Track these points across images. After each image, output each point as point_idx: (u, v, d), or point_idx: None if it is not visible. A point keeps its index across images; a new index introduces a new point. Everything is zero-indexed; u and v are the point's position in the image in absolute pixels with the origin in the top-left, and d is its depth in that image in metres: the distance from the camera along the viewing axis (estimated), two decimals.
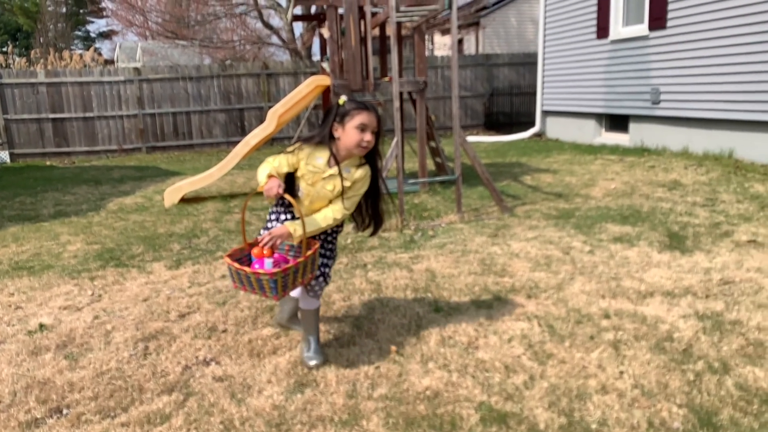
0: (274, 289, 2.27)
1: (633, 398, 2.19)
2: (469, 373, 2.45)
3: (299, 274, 2.34)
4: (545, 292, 3.30)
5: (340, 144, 2.44)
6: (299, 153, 2.46)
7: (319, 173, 2.46)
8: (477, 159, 5.52)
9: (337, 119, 2.43)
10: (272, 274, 2.23)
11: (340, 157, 2.46)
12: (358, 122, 2.37)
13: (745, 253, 3.78)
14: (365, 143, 2.39)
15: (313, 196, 2.50)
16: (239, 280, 2.34)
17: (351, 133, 2.38)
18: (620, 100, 9.22)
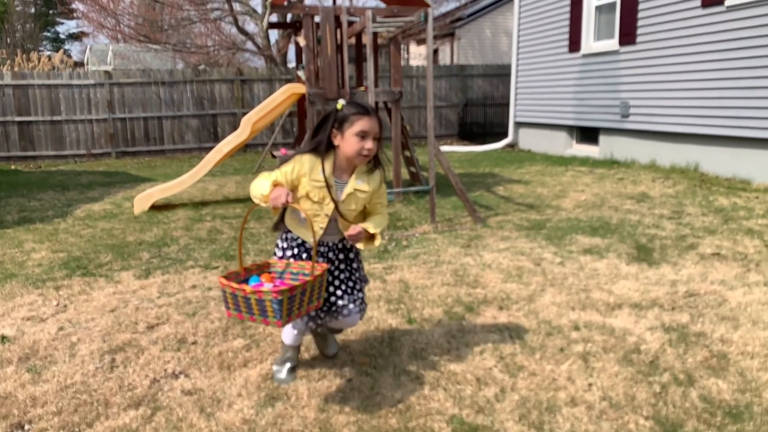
0: (278, 312, 1.98)
1: (601, 410, 2.23)
2: (441, 385, 2.46)
3: (306, 299, 2.09)
4: (516, 303, 3.33)
5: (339, 152, 2.26)
6: (299, 167, 2.23)
7: (324, 188, 2.25)
8: (451, 169, 5.56)
9: (335, 125, 2.23)
10: (278, 293, 1.96)
11: (341, 168, 2.28)
12: (358, 129, 2.18)
13: (710, 266, 3.89)
14: (366, 151, 2.20)
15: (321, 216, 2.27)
16: (235, 303, 2.07)
17: (350, 141, 2.20)
18: (591, 113, 9.42)
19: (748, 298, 3.30)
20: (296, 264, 2.33)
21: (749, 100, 6.69)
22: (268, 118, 6.96)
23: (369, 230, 2.28)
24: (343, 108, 2.24)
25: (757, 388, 2.34)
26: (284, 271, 2.34)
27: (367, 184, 2.32)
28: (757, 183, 6.62)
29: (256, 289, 1.99)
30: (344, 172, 2.31)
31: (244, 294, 2.01)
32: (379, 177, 2.37)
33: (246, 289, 2.00)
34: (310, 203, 2.27)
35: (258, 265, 2.33)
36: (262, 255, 4.52)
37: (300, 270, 2.32)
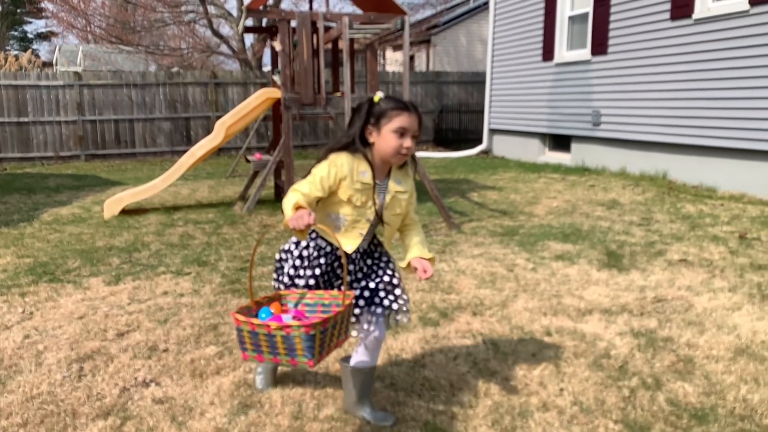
0: (310, 350, 1.68)
1: (572, 415, 2.26)
2: (415, 391, 2.47)
3: (336, 332, 1.82)
4: (490, 309, 3.36)
5: (374, 149, 2.06)
6: (337, 170, 2.01)
7: (369, 190, 2.05)
8: (426, 175, 5.59)
9: (371, 121, 2.04)
10: (310, 327, 1.66)
11: (376, 167, 2.08)
12: (397, 125, 1.99)
13: (677, 272, 3.98)
14: (405, 150, 2.02)
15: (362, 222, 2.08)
16: (254, 343, 1.76)
17: (388, 138, 2.00)
18: (563, 121, 9.58)
19: (714, 303, 3.39)
20: (312, 294, 2.06)
21: (715, 110, 6.88)
22: (242, 122, 6.91)
23: (426, 257, 2.13)
24: (380, 102, 2.05)
25: (722, 391, 2.40)
26: (298, 302, 2.06)
27: (405, 184, 2.14)
28: (723, 191, 6.81)
29: (284, 324, 1.69)
30: (381, 173, 2.10)
31: (268, 331, 1.69)
32: (412, 175, 2.19)
33: (271, 326, 1.69)
34: (350, 208, 2.06)
35: (269, 297, 2.05)
36: (235, 261, 4.48)
37: (318, 300, 2.03)
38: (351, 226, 2.08)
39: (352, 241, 2.10)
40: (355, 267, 2.16)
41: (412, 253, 2.17)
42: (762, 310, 3.25)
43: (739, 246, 4.55)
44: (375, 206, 2.08)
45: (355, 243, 2.10)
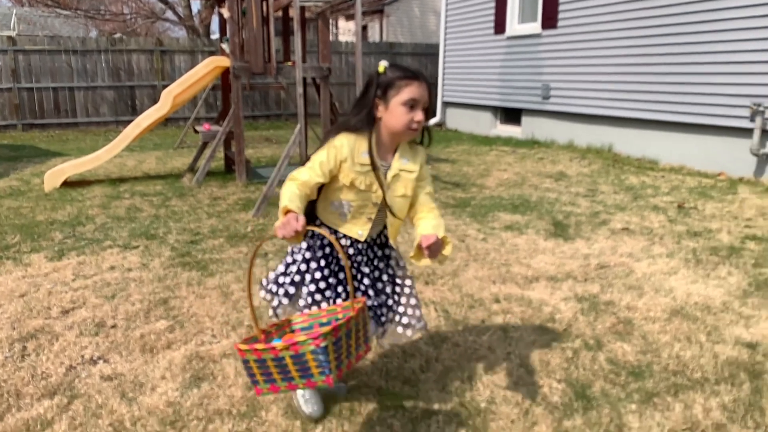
0: (326, 365, 1.48)
1: (519, 377, 2.36)
2: (368, 358, 2.51)
3: (353, 342, 1.63)
4: (442, 278, 3.43)
5: (381, 126, 1.87)
6: (337, 152, 1.84)
7: (372, 172, 1.87)
8: None
9: (377, 93, 1.83)
10: (320, 338, 1.48)
11: (383, 146, 1.89)
12: (406, 97, 1.80)
13: (619, 240, 4.16)
14: (416, 124, 1.82)
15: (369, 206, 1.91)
16: (264, 372, 1.58)
17: (397, 112, 1.81)
18: (514, 94, 9.71)
19: (652, 268, 3.56)
20: (324, 311, 1.88)
21: (657, 85, 7.12)
22: (190, 91, 6.70)
23: (440, 235, 1.81)
24: (386, 71, 1.83)
25: (657, 349, 2.55)
26: (311, 324, 1.88)
27: (413, 163, 1.93)
28: (664, 163, 7.10)
29: (288, 343, 1.50)
30: (387, 152, 1.91)
31: (275, 354, 1.50)
32: (423, 152, 1.99)
33: (276, 347, 1.50)
34: (354, 193, 1.89)
35: (277, 324, 1.88)
36: (185, 234, 4.39)
37: (332, 316, 1.84)
38: (358, 212, 1.93)
39: (361, 227, 1.95)
40: (362, 257, 2.00)
41: (422, 230, 1.88)
42: (696, 274, 3.45)
43: (677, 215, 4.78)
44: (382, 189, 1.88)
45: (365, 228, 1.94)
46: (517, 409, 2.13)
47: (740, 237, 4.12)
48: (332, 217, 1.97)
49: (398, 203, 1.93)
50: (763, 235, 4.16)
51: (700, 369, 2.38)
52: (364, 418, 2.08)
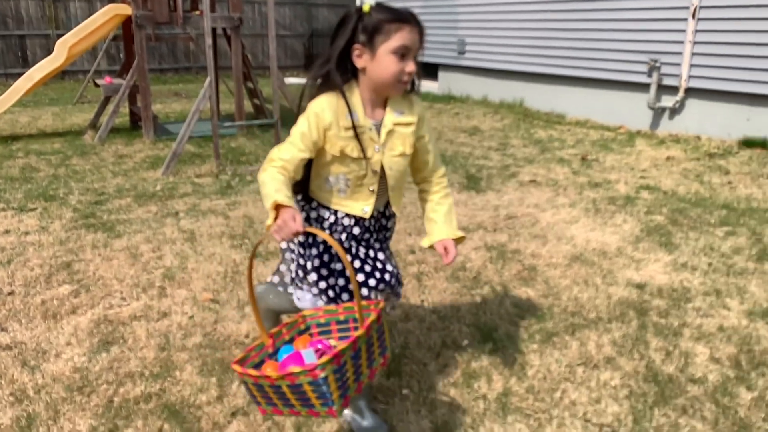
0: (327, 396, 1.31)
1: (431, 322, 2.46)
2: None
3: (364, 357, 1.41)
4: None
5: (364, 79, 1.59)
6: (318, 120, 1.56)
7: (364, 134, 1.60)
8: (296, 102, 5.47)
9: (360, 39, 1.54)
10: (316, 369, 1.27)
11: (369, 101, 1.62)
12: (397, 43, 1.51)
13: (527, 192, 4.36)
14: (407, 76, 1.55)
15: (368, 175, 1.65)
16: (264, 395, 1.38)
17: (385, 62, 1.53)
18: (431, 49, 9.73)
19: (556, 218, 3.78)
20: (341, 308, 1.63)
21: (564, 41, 7.38)
22: (87, 41, 6.20)
23: (456, 235, 1.75)
24: (371, 12, 1.54)
25: (558, 293, 2.74)
26: (327, 321, 1.65)
27: (409, 114, 1.67)
28: (570, 117, 7.44)
29: (283, 374, 1.30)
30: (376, 107, 1.64)
31: (271, 382, 1.32)
32: (420, 102, 1.72)
33: (271, 376, 1.31)
34: (348, 164, 1.62)
35: (288, 323, 1.63)
36: (88, 194, 4.15)
37: (349, 314, 1.63)
38: (357, 185, 1.66)
39: (365, 202, 1.68)
40: (370, 235, 1.76)
41: (436, 234, 1.75)
42: (594, 222, 3.70)
43: (580, 167, 5.06)
44: (364, 155, 1.62)
45: (369, 203, 1.68)
46: (430, 353, 2.24)
47: (635, 187, 4.44)
48: (329, 195, 1.69)
49: (398, 163, 1.66)
50: (655, 185, 4.50)
51: (595, 309, 2.59)
52: None
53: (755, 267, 2.96)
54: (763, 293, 2.68)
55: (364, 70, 1.57)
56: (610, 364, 2.15)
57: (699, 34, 5.93)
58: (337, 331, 1.63)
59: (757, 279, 2.82)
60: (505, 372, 2.11)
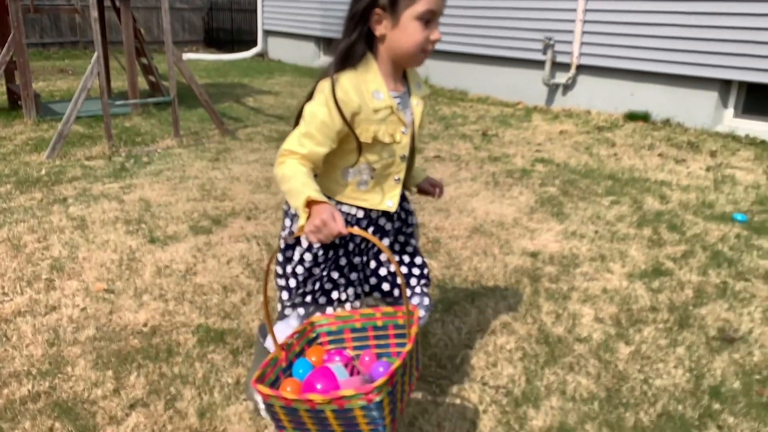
0: (379, 421, 1.14)
1: None
2: (186, 299, 2.45)
3: (407, 376, 1.27)
4: (264, 212, 3.42)
5: (382, 49, 1.41)
6: (345, 104, 1.34)
7: (394, 113, 1.41)
8: (193, 79, 5.24)
9: (379, 3, 1.35)
10: (374, 393, 1.11)
11: (387, 74, 1.43)
12: (423, 8, 1.34)
13: (432, 167, 4.46)
14: (431, 46, 1.40)
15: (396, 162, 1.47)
16: (293, 420, 1.19)
17: (410, 29, 1.35)
18: (336, 24, 9.59)
19: (458, 192, 3.90)
20: (357, 314, 1.46)
21: (466, 19, 7.54)
22: None
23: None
24: None
25: (459, 264, 2.85)
26: (340, 329, 1.47)
27: (424, 87, 1.55)
28: (473, 94, 7.66)
29: (331, 397, 1.11)
30: (393, 81, 1.45)
31: (312, 406, 1.13)
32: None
33: (314, 399, 1.12)
34: (377, 151, 1.42)
35: (298, 332, 1.43)
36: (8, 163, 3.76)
37: (368, 321, 1.44)
38: (382, 176, 1.47)
39: (389, 195, 1.50)
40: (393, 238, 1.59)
41: (416, 177, 1.72)
42: (494, 195, 3.86)
43: (481, 142, 5.24)
44: (407, 133, 1.46)
45: (395, 195, 1.51)
46: None
47: (531, 160, 4.67)
48: (347, 190, 1.47)
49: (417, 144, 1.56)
50: (549, 158, 4.76)
51: (492, 278, 2.72)
52: (182, 357, 2.05)
53: (635, 233, 3.23)
54: (642, 256, 2.93)
55: (383, 39, 1.39)
56: (506, 329, 2.28)
57: (588, 14, 6.27)
58: (351, 340, 1.45)
59: (637, 244, 3.08)
60: None
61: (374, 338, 1.43)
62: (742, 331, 2.27)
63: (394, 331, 1.43)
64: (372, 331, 1.43)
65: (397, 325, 1.42)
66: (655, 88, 5.94)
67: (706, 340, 2.20)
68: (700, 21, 5.42)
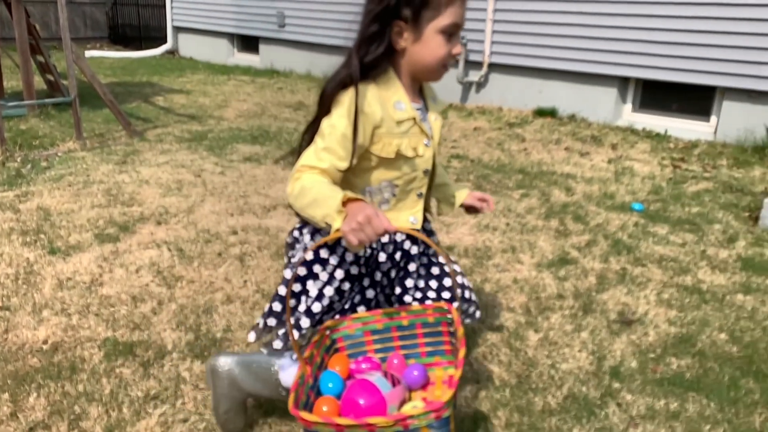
0: None
1: (254, 302, 2.44)
2: (92, 312, 2.32)
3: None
4: (176, 216, 3.29)
5: (403, 63, 1.36)
6: (367, 117, 1.28)
7: (417, 124, 1.37)
8: (95, 78, 4.96)
9: (403, 15, 1.29)
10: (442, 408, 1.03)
11: (405, 86, 1.38)
12: (448, 21, 1.29)
13: None
14: (453, 60, 1.36)
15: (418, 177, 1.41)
16: None
17: (433, 44, 1.30)
18: (250, 21, 9.41)
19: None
20: (378, 314, 1.34)
21: None
22: None
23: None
24: None
25: None
26: (359, 332, 1.34)
27: (439, 102, 1.52)
28: None
29: (396, 418, 1.02)
30: (411, 94, 1.41)
31: (371, 430, 1.02)
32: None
33: (376, 423, 1.01)
34: (399, 166, 1.35)
35: (316, 341, 1.29)
36: None
37: (391, 321, 1.33)
38: (404, 192, 1.40)
39: (412, 211, 1.43)
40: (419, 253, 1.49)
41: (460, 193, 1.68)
42: None
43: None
44: (430, 146, 1.40)
45: (417, 211, 1.45)
46: None
47: (447, 157, 4.79)
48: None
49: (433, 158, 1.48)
50: (464, 153, 4.89)
51: None
52: (87, 374, 1.94)
53: (543, 224, 3.39)
54: (549, 247, 3.08)
55: (404, 52, 1.33)
56: None
57: (498, 14, 6.50)
58: (372, 343, 1.32)
59: (545, 235, 3.24)
60: None
61: (399, 339, 1.32)
62: (639, 313, 2.44)
63: (422, 330, 1.33)
64: (396, 331, 1.32)
65: (426, 323, 1.31)
66: (561, 85, 6.26)
67: (607, 324, 2.35)
68: (601, 21, 5.76)
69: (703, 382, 1.99)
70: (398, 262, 1.43)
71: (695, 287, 2.67)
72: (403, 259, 1.45)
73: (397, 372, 1.28)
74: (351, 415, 1.11)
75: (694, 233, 3.28)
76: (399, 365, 1.30)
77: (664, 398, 1.90)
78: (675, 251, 3.04)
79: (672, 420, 1.81)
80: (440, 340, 1.30)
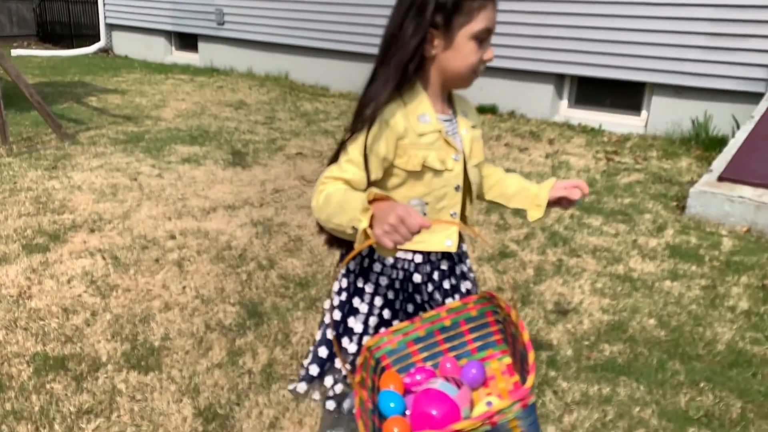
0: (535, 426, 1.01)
1: (194, 308, 2.38)
2: (20, 326, 2.21)
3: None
4: (110, 223, 3.17)
5: (432, 71, 1.26)
6: (391, 128, 1.20)
7: (442, 137, 1.25)
8: (21, 78, 4.72)
9: (436, 21, 1.19)
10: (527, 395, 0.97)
11: (434, 97, 1.28)
12: (481, 26, 1.21)
13: (293, 164, 4.43)
14: (483, 66, 1.27)
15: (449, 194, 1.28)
16: None
17: (465, 50, 1.22)
18: (188, 18, 9.16)
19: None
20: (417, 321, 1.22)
21: (327, 15, 7.56)
22: None
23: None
24: None
25: (321, 260, 2.86)
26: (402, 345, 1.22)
27: (473, 114, 1.39)
28: (334, 89, 7.71)
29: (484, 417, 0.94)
30: (438, 104, 1.30)
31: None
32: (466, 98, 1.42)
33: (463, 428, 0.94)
34: (427, 181, 1.25)
35: (361, 364, 1.15)
36: None
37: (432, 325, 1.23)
38: (436, 209, 1.30)
39: (449, 231, 1.31)
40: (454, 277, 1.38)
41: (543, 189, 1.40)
42: None
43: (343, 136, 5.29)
44: (459, 160, 1.28)
45: (454, 233, 1.32)
46: (192, 339, 2.17)
47: None
48: None
49: (474, 175, 1.34)
50: None
51: None
52: (15, 391, 1.85)
53: (484, 219, 3.46)
54: (489, 241, 3.15)
55: (434, 59, 1.24)
56: None
57: None
58: (418, 352, 1.24)
59: (485, 230, 3.30)
60: (270, 344, 2.16)
61: (445, 341, 1.24)
62: (574, 302, 2.53)
63: (467, 326, 1.24)
64: (440, 334, 1.23)
65: (469, 318, 1.23)
66: (500, 82, 6.39)
67: (544, 314, 2.43)
68: (539, 20, 5.92)
69: (634, 366, 2.08)
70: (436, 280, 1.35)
71: (627, 276, 2.79)
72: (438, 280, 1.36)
73: (453, 375, 1.20)
74: (427, 428, 1.03)
75: (626, 223, 3.43)
76: (453, 368, 1.22)
77: (597, 384, 1.98)
78: (608, 241, 3.17)
79: (605, 404, 1.89)
80: (488, 331, 1.24)
